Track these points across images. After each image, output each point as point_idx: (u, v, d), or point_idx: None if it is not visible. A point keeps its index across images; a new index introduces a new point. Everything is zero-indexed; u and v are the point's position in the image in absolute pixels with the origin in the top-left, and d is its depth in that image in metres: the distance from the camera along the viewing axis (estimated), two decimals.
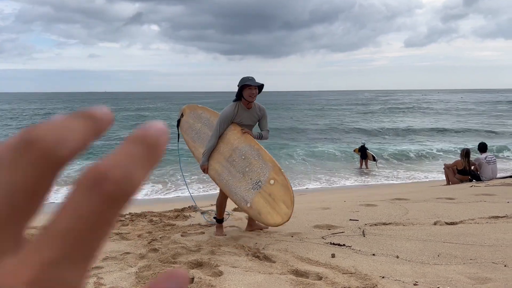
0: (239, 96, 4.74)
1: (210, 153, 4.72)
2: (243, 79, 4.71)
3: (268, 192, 4.39)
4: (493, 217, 5.40)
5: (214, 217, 5.17)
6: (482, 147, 10.08)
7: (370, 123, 33.66)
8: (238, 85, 4.78)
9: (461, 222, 5.23)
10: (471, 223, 5.15)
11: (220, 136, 4.71)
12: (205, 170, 4.81)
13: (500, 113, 40.39)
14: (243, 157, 4.58)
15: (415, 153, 18.08)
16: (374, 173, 14.66)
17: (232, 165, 4.61)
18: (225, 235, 4.85)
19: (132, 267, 3.84)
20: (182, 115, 4.91)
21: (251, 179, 4.50)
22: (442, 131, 26.66)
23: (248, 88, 4.65)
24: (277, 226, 4.42)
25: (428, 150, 18.65)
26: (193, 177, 11.77)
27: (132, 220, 5.92)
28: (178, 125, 5.03)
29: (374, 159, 16.49)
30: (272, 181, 4.41)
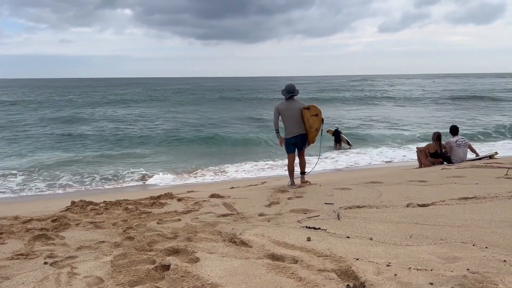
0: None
1: None
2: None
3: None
4: (462, 198, 5.56)
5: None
6: (454, 130, 10.27)
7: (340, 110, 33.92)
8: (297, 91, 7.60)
9: (432, 203, 5.37)
10: (442, 205, 5.30)
11: None
12: None
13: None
14: None
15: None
16: (345, 154, 15.04)
17: None
18: (309, 183, 7.63)
19: (107, 255, 3.80)
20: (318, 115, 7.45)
21: None
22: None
23: None
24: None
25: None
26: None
27: (107, 209, 5.85)
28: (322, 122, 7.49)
29: (348, 143, 16.74)
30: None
